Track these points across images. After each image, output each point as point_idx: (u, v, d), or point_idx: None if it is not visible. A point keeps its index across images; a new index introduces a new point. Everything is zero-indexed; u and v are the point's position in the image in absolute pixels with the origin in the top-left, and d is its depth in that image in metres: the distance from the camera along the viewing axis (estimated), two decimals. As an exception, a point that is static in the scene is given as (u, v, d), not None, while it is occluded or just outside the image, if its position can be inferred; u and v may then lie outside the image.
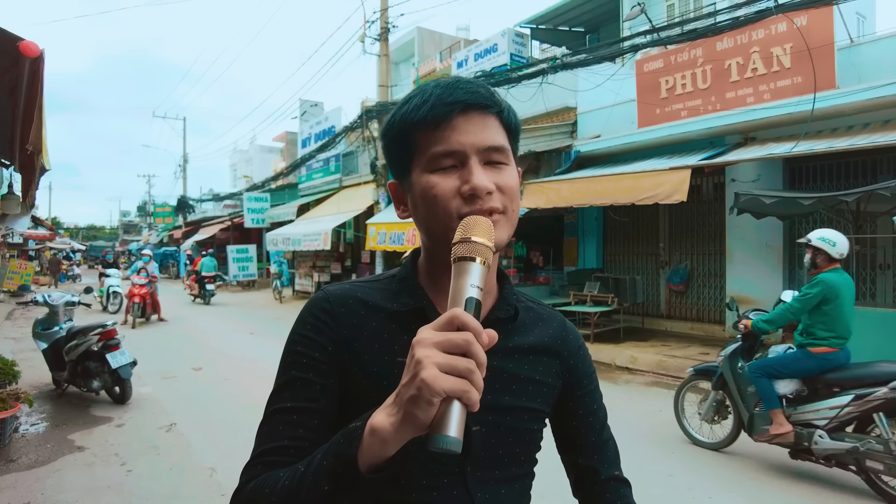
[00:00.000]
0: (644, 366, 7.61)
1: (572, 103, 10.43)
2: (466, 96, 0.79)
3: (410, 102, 0.82)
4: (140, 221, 57.48)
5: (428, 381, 0.56)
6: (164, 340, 10.12)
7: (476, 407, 0.58)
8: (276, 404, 0.81)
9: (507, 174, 0.81)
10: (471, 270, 0.64)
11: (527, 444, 0.86)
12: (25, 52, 2.36)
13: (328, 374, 0.80)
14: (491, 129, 0.80)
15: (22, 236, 18.57)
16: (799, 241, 4.60)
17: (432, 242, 0.84)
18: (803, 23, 7.05)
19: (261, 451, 0.77)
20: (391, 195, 0.90)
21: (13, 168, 5.19)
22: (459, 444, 0.57)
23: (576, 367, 0.94)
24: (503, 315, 0.86)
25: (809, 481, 4.00)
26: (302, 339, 0.82)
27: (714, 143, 8.57)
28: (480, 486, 0.81)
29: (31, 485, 3.94)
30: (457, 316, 0.59)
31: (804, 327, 4.21)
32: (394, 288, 0.87)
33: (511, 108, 0.86)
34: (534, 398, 0.87)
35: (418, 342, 0.59)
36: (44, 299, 6.35)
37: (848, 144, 6.37)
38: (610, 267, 11.00)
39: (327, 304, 0.84)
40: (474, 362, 0.58)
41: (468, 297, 0.62)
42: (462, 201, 0.77)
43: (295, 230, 16.25)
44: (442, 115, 0.78)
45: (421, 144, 0.80)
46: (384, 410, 0.63)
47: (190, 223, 30.24)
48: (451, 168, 0.78)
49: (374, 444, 0.62)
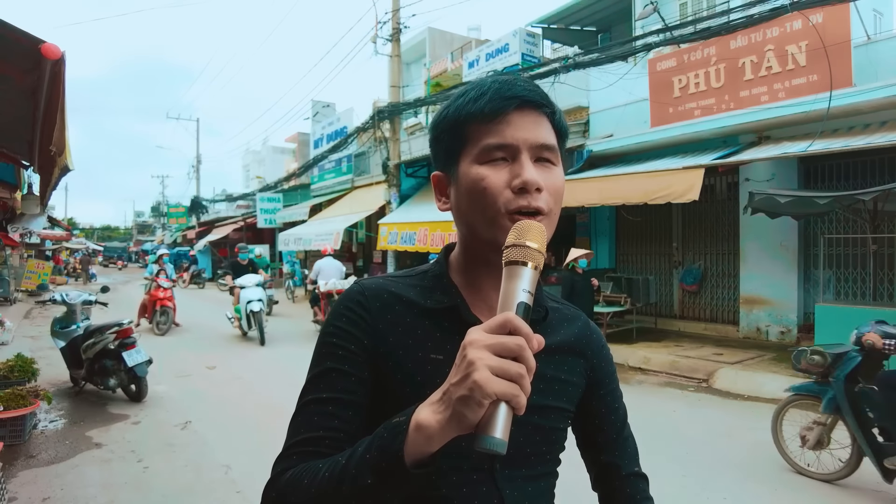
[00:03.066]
0: (657, 366, 7.57)
1: (584, 103, 10.39)
2: (524, 93, 0.80)
3: (467, 96, 0.82)
4: (154, 222, 58.06)
5: (480, 383, 0.57)
6: (179, 339, 10.22)
7: (522, 411, 0.59)
8: (311, 395, 0.80)
9: (555, 175, 0.82)
10: (523, 275, 0.65)
11: (553, 443, 0.88)
12: (47, 54, 2.40)
13: (363, 366, 0.80)
14: (544, 128, 0.81)
15: (39, 237, 18.83)
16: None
17: (472, 236, 0.84)
18: (819, 20, 6.98)
19: (296, 440, 0.77)
20: (434, 187, 0.90)
21: (32, 169, 5.28)
22: (505, 446, 0.58)
23: (599, 366, 0.96)
24: (536, 317, 0.86)
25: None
26: (337, 330, 0.82)
27: (728, 143, 8.50)
28: (508, 483, 0.82)
29: (51, 480, 4.00)
30: (510, 320, 0.60)
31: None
32: (427, 284, 0.88)
33: (560, 111, 0.86)
34: (560, 397, 0.88)
35: (471, 343, 0.60)
36: (62, 298, 6.44)
37: (865, 143, 6.30)
38: (622, 267, 10.95)
39: (363, 298, 0.84)
40: (525, 367, 0.59)
41: (520, 302, 0.63)
42: (511, 195, 0.77)
43: (307, 230, 16.34)
44: (498, 109, 0.79)
45: (473, 136, 0.80)
46: (430, 407, 0.63)
47: (203, 223, 30.48)
48: (502, 161, 0.79)
49: (418, 439, 0.62)
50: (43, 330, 9.63)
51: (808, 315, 8.13)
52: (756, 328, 8.76)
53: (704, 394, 6.43)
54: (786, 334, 8.39)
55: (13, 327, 9.91)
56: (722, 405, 5.97)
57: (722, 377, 6.79)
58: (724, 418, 5.49)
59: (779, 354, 7.54)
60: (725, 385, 6.62)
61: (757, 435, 4.95)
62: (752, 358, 7.45)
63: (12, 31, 2.42)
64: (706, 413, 5.70)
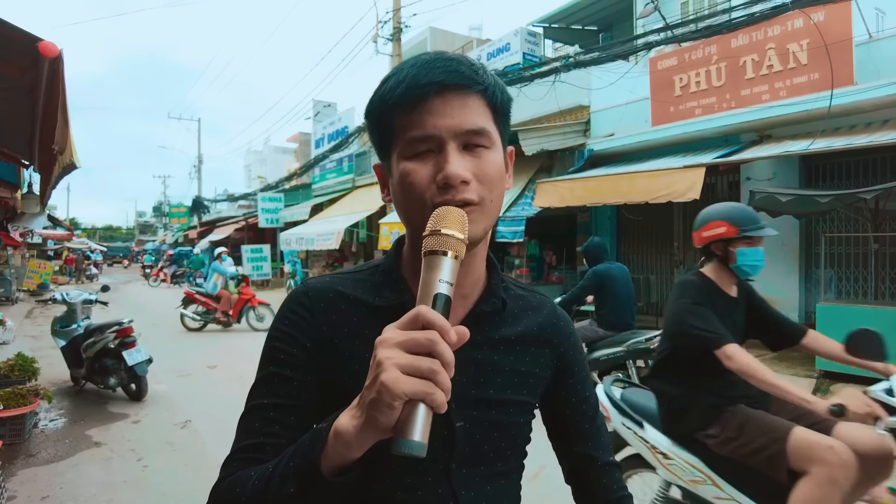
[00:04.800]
0: (658, 365, 7.54)
1: (585, 102, 10.38)
2: (443, 76, 0.73)
3: (387, 83, 0.77)
4: (156, 222, 58.22)
5: (388, 384, 0.54)
6: (179, 339, 10.24)
7: (442, 409, 0.56)
8: (255, 400, 0.79)
9: (488, 160, 0.75)
10: (441, 265, 0.61)
11: (513, 438, 0.84)
12: (45, 52, 2.40)
13: (306, 370, 0.78)
14: (471, 111, 0.74)
15: (41, 236, 18.87)
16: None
17: (411, 230, 0.80)
18: (820, 18, 6.96)
19: (238, 447, 0.76)
20: (378, 178, 0.86)
21: (33, 168, 5.28)
22: (424, 449, 0.55)
23: (567, 354, 0.92)
24: (489, 308, 0.83)
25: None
26: (280, 334, 0.80)
27: (729, 141, 8.49)
28: (465, 483, 0.79)
29: (51, 479, 4.00)
30: (421, 314, 0.57)
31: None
32: (376, 280, 0.84)
33: (498, 83, 0.79)
34: (520, 390, 0.84)
35: (381, 342, 0.57)
36: (62, 297, 6.45)
37: (867, 141, 6.28)
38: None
39: (306, 299, 0.81)
40: (439, 362, 0.55)
41: (436, 294, 0.60)
42: (436, 190, 0.72)
43: (308, 230, 16.35)
44: (417, 98, 0.73)
45: (399, 128, 0.75)
46: (348, 413, 0.61)
47: (205, 223, 30.52)
48: (428, 153, 0.74)
49: (337, 446, 0.60)
50: (44, 329, 9.64)
51: (809, 314, 8.11)
52: (757, 327, 8.72)
53: None
54: (787, 334, 8.36)
55: (14, 326, 9.93)
56: (723, 404, 5.95)
57: (723, 376, 6.77)
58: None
59: (780, 354, 7.50)
60: (726, 384, 6.59)
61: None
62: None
63: (10, 30, 2.42)
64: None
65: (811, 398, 1.93)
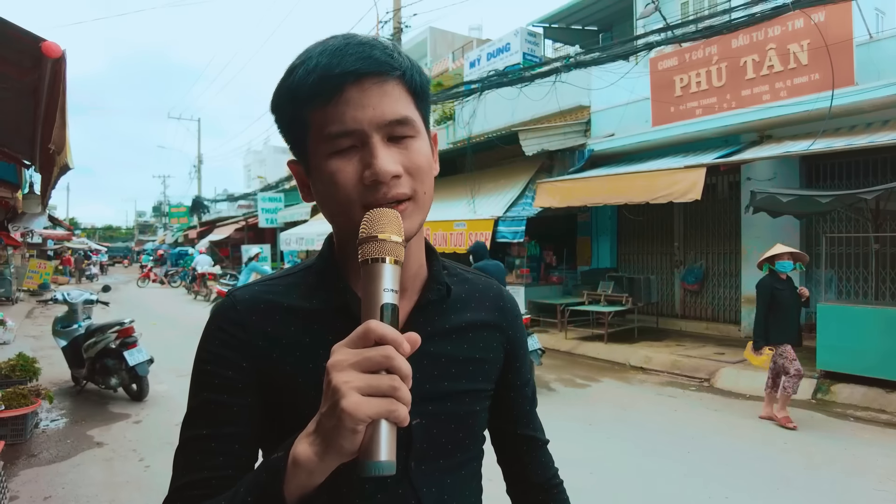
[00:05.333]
0: (659, 366, 7.55)
1: (586, 102, 10.38)
2: (357, 64, 0.67)
3: (294, 74, 0.69)
4: (155, 222, 58.20)
5: (349, 411, 0.51)
6: (180, 338, 10.23)
7: (405, 422, 0.53)
8: (191, 431, 0.71)
9: (416, 150, 0.70)
10: (382, 273, 0.58)
11: (470, 427, 0.81)
12: (48, 52, 2.39)
13: (245, 392, 0.71)
14: (391, 99, 0.69)
15: (41, 236, 18.87)
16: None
17: (341, 232, 0.76)
18: (821, 19, 6.96)
19: (179, 485, 0.69)
20: (294, 177, 0.79)
21: (34, 168, 5.28)
22: (393, 467, 0.53)
23: (514, 337, 0.89)
24: (434, 297, 0.79)
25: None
26: (211, 356, 0.73)
27: (729, 142, 8.49)
28: (425, 480, 0.76)
29: (52, 479, 4.01)
30: (372, 330, 0.54)
31: None
32: (311, 282, 0.78)
33: (415, 65, 0.73)
34: (475, 378, 0.81)
35: (332, 366, 0.54)
36: (63, 298, 6.45)
37: (867, 142, 6.28)
38: (624, 266, 10.94)
39: (235, 314, 0.74)
40: (398, 377, 0.53)
41: (383, 304, 0.56)
42: (364, 189, 0.67)
43: (308, 230, 16.36)
44: (331, 89, 0.67)
45: (314, 122, 0.69)
46: (306, 440, 0.57)
47: (205, 223, 30.52)
48: (351, 149, 0.68)
49: (299, 475, 0.57)
50: (45, 329, 9.64)
51: (809, 315, 8.11)
52: (758, 328, 8.73)
53: (706, 393, 6.42)
54: (788, 334, 8.36)
55: (15, 327, 9.93)
56: (724, 404, 5.96)
57: (724, 377, 6.78)
58: (726, 418, 5.48)
59: (781, 354, 7.52)
60: (727, 384, 6.61)
61: (758, 434, 4.94)
62: (753, 357, 7.43)
63: (13, 30, 2.42)
64: (708, 412, 5.69)
65: None
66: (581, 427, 5.15)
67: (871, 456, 4.40)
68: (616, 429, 5.17)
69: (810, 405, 5.82)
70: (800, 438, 4.83)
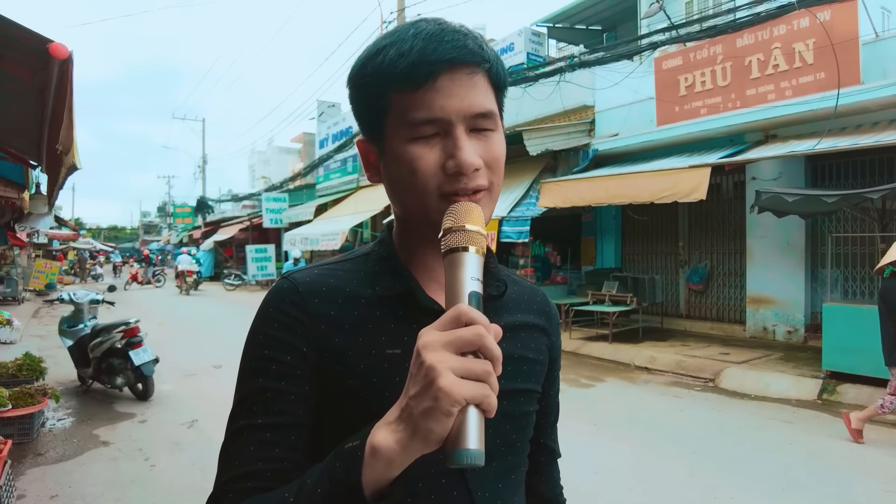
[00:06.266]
0: (663, 366, 7.54)
1: (590, 102, 10.37)
2: (454, 52, 0.67)
3: (385, 54, 0.68)
4: (160, 222, 58.36)
5: (447, 390, 0.49)
6: (185, 338, 10.26)
7: (493, 412, 0.52)
8: (244, 420, 0.68)
9: (495, 143, 0.71)
10: (467, 261, 0.58)
11: (523, 429, 0.80)
12: (55, 53, 2.40)
13: (304, 380, 0.69)
14: (479, 91, 0.69)
15: (46, 236, 18.95)
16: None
17: (409, 218, 0.74)
18: (826, 18, 6.93)
19: (231, 476, 0.66)
20: (360, 155, 0.78)
21: (40, 169, 5.31)
22: (483, 457, 0.51)
23: (555, 344, 0.89)
24: (494, 292, 0.78)
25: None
26: (269, 340, 0.70)
27: (734, 141, 8.46)
28: (480, 483, 0.73)
29: (59, 478, 4.03)
30: (464, 312, 0.52)
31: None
32: (371, 269, 0.76)
33: (499, 59, 0.73)
34: (528, 378, 0.80)
35: (425, 346, 0.52)
36: (69, 297, 6.48)
37: (873, 141, 6.26)
38: (628, 266, 10.92)
39: (296, 296, 0.71)
40: (490, 363, 0.52)
41: (471, 292, 0.56)
42: (444, 177, 0.67)
43: (312, 230, 16.39)
44: (424, 75, 0.66)
45: (397, 105, 0.69)
46: (387, 427, 0.54)
47: (209, 223, 30.60)
48: (434, 137, 0.68)
49: (377, 466, 0.54)
50: (51, 329, 9.68)
51: (815, 314, 8.08)
52: (763, 327, 8.71)
53: (711, 393, 6.40)
54: (793, 334, 8.35)
55: (21, 326, 9.97)
56: (729, 405, 5.95)
57: (728, 377, 6.76)
58: (731, 418, 5.47)
59: (786, 354, 7.50)
60: (732, 385, 6.59)
61: (764, 434, 4.93)
62: (758, 357, 7.41)
63: (21, 31, 2.43)
64: (713, 413, 5.68)
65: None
66: (586, 427, 5.14)
67: (877, 457, 4.38)
68: (620, 429, 5.16)
69: (816, 405, 5.80)
70: (805, 439, 4.82)
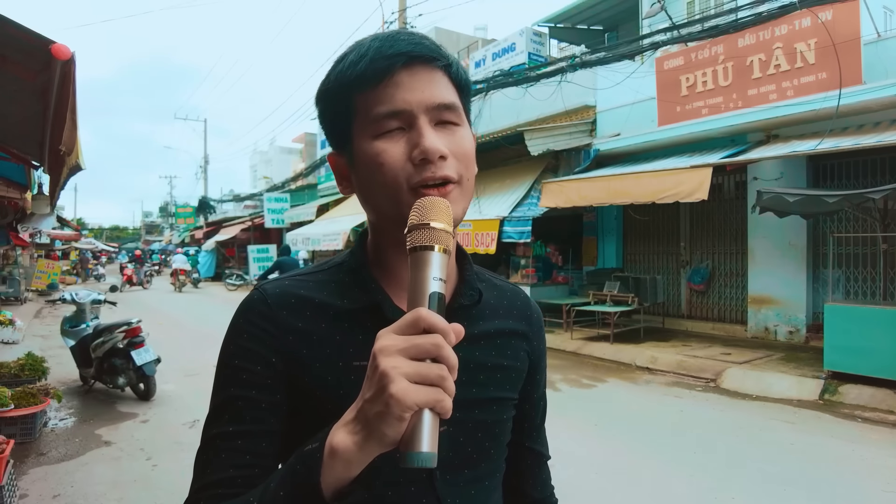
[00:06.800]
0: (664, 366, 7.54)
1: (591, 102, 10.37)
2: (409, 47, 0.69)
3: (346, 60, 0.71)
4: (162, 222, 58.48)
5: (398, 396, 0.50)
6: (186, 338, 10.28)
7: (448, 414, 0.52)
8: (216, 428, 0.70)
9: (461, 137, 0.71)
10: (431, 261, 0.56)
11: (497, 437, 0.80)
12: (57, 54, 2.41)
13: (274, 389, 0.70)
14: (440, 85, 0.70)
15: (49, 236, 18.99)
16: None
17: (381, 220, 0.74)
18: (828, 17, 6.93)
19: (203, 483, 0.68)
20: (332, 170, 0.79)
21: (42, 169, 5.32)
22: (434, 459, 0.52)
23: (538, 348, 0.89)
24: (467, 301, 0.78)
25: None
26: (240, 350, 0.71)
27: (736, 141, 8.46)
28: (450, 490, 0.74)
29: (61, 477, 4.04)
30: (422, 317, 0.52)
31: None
32: (342, 280, 0.77)
33: (459, 63, 0.75)
34: (502, 386, 0.80)
35: (380, 350, 0.52)
36: (71, 297, 6.50)
37: (875, 141, 6.25)
38: (630, 266, 10.92)
39: (265, 308, 0.72)
40: (446, 367, 0.52)
41: (431, 293, 0.55)
42: (412, 168, 0.67)
43: (314, 230, 16.39)
44: (383, 70, 0.68)
45: (361, 107, 0.70)
46: (344, 428, 0.55)
47: (211, 223, 30.64)
48: (398, 131, 0.69)
49: (336, 466, 0.55)
50: (53, 329, 9.71)
51: (817, 315, 8.07)
52: (764, 328, 8.70)
53: (712, 394, 6.40)
54: (794, 334, 8.34)
55: (24, 326, 10.00)
56: (730, 405, 5.94)
57: (730, 377, 6.76)
58: (733, 418, 5.46)
59: (787, 354, 7.49)
60: (733, 385, 6.58)
61: (765, 435, 4.93)
62: (760, 358, 7.41)
63: (23, 32, 2.44)
64: (714, 413, 5.68)
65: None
66: (587, 427, 5.14)
67: (879, 457, 4.38)
68: (622, 429, 5.16)
69: (817, 406, 5.79)
70: (807, 439, 4.81)
